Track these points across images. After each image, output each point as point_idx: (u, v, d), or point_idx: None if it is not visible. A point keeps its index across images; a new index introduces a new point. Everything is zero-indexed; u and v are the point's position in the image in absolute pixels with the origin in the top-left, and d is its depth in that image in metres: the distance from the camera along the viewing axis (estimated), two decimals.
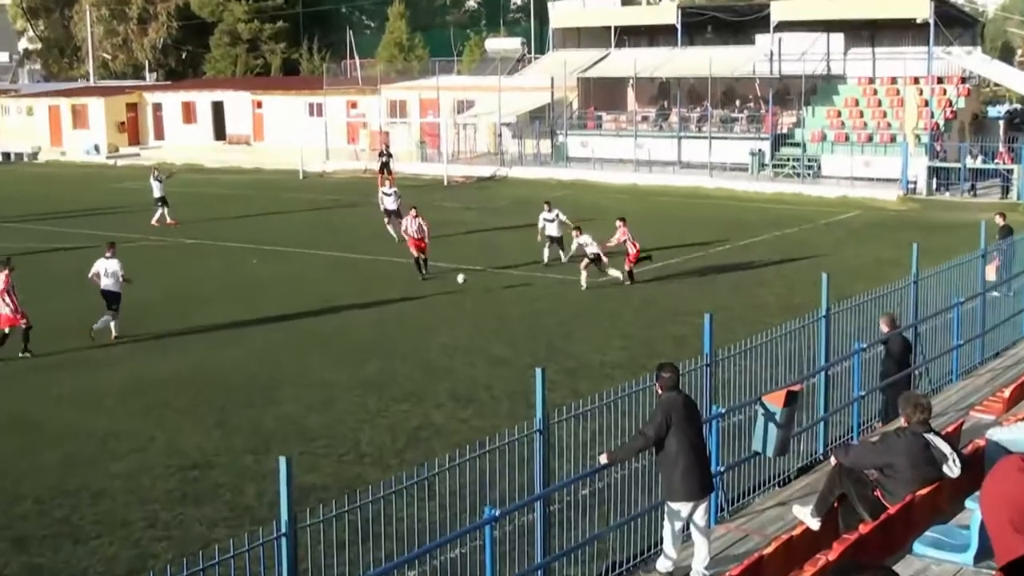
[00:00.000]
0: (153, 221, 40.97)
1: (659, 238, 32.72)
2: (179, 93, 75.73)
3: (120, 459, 16.96)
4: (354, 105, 67.87)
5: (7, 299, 23.05)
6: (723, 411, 12.77)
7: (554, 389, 17.94)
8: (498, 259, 33.11)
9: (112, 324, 24.35)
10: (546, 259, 31.92)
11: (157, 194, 41.64)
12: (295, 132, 59.82)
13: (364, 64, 72.17)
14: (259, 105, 71.61)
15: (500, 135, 59.78)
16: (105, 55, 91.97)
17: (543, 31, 69.11)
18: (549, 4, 65.11)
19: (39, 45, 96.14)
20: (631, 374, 17.30)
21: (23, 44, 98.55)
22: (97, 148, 72.29)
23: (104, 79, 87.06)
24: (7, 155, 73.57)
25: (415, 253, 30.68)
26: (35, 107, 75.89)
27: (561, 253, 31.87)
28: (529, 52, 69.06)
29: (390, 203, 37.92)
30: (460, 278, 28.68)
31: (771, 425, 12.05)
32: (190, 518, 14.69)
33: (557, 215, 32.23)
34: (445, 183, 54.22)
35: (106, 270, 24.56)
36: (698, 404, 11.87)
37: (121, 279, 24.65)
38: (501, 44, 69.73)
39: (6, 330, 23.16)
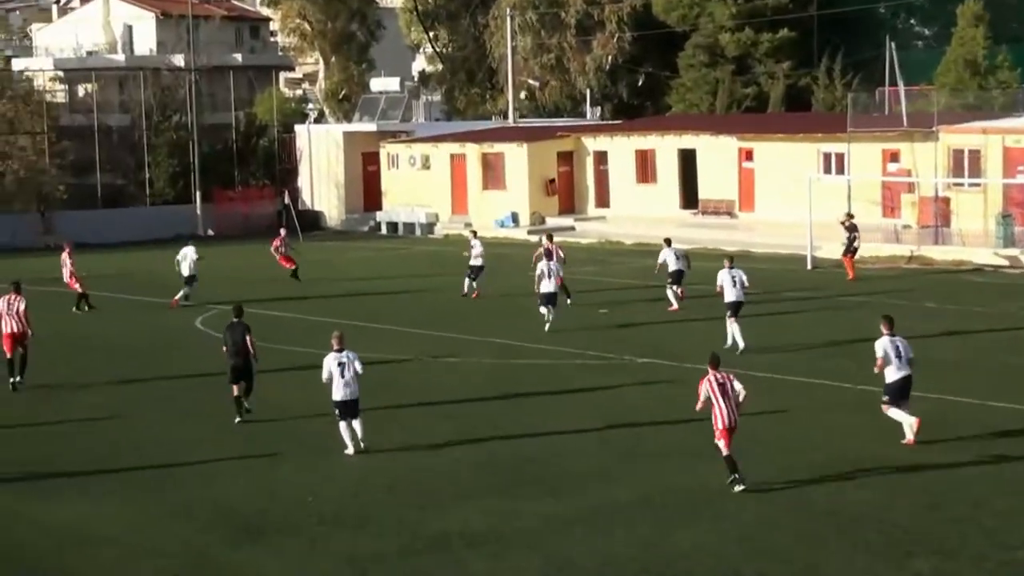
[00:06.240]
0: None
1: None
2: (632, 138, 67.39)
3: None
4: (894, 156, 59.40)
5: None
6: None
7: None
8: None
9: None
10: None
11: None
12: (798, 197, 52.26)
13: (913, 93, 62.39)
14: (748, 156, 62.77)
15: None
16: (531, 80, 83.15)
17: None
18: None
19: (439, 66, 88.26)
20: None
21: (418, 64, 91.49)
22: (515, 218, 65.35)
23: (525, 116, 79.65)
24: (394, 226, 68.62)
25: None
26: (432, 157, 69.30)
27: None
28: None
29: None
30: None
31: None
32: None
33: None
34: None
35: None
36: None
37: None
38: None
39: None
